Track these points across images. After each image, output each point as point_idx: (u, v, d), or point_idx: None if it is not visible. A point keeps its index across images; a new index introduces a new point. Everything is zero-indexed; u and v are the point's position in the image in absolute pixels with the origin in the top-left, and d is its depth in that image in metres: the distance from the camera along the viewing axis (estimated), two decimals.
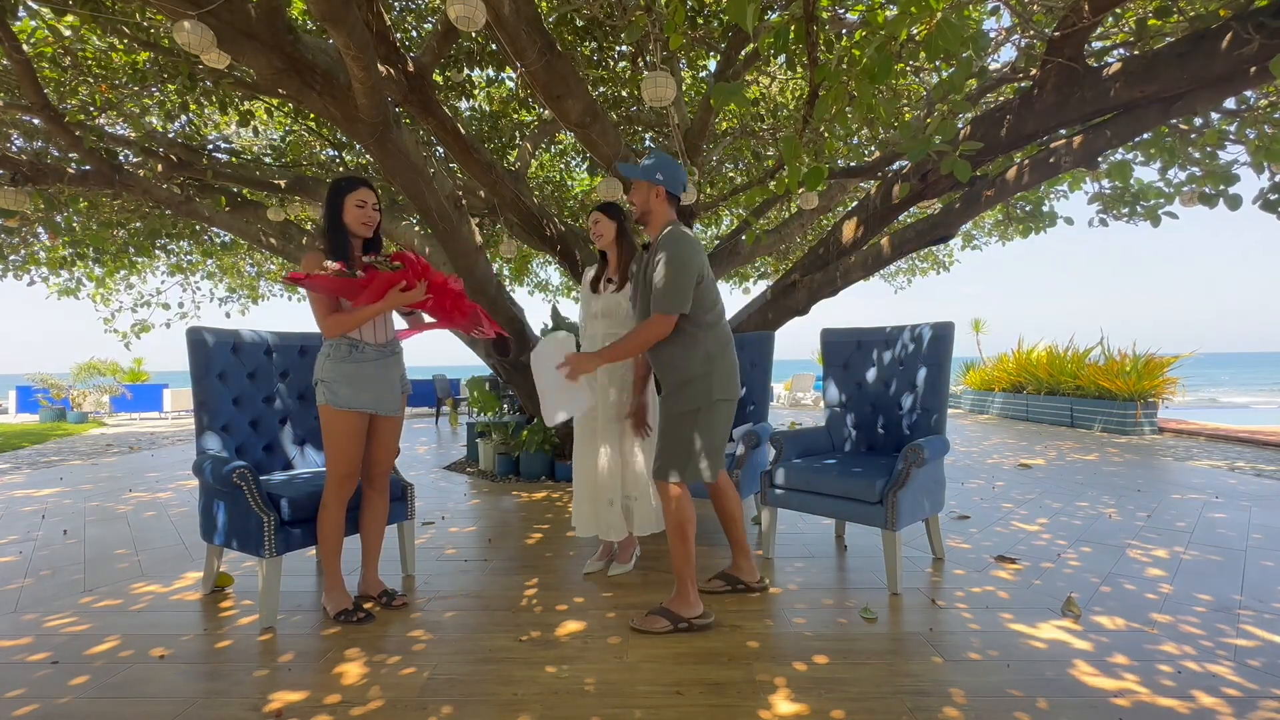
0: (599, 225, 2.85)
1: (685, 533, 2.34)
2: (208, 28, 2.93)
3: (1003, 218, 7.60)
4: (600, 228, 2.85)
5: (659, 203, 2.41)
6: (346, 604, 2.46)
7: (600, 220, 2.85)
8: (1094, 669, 2.02)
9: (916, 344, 3.14)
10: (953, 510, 4.08)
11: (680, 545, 2.35)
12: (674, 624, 2.31)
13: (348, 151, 6.55)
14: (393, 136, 3.83)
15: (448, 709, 1.82)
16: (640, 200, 2.41)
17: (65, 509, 4.42)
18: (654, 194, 2.39)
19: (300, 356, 3.09)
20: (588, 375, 2.50)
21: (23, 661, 2.13)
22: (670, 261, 2.25)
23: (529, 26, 3.23)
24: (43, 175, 4.84)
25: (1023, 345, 11.16)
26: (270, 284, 9.89)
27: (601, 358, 2.36)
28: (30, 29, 4.54)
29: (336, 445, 2.37)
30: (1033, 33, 4.02)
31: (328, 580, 2.50)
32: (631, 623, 2.36)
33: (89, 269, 7.35)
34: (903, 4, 2.42)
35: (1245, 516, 3.88)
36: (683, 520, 2.34)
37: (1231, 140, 4.20)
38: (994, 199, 4.36)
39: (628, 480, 2.91)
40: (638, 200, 2.42)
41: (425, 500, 4.59)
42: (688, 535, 2.34)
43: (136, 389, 13.79)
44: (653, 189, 2.39)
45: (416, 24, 5.35)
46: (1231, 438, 7.52)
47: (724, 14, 3.46)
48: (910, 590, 2.71)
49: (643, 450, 2.91)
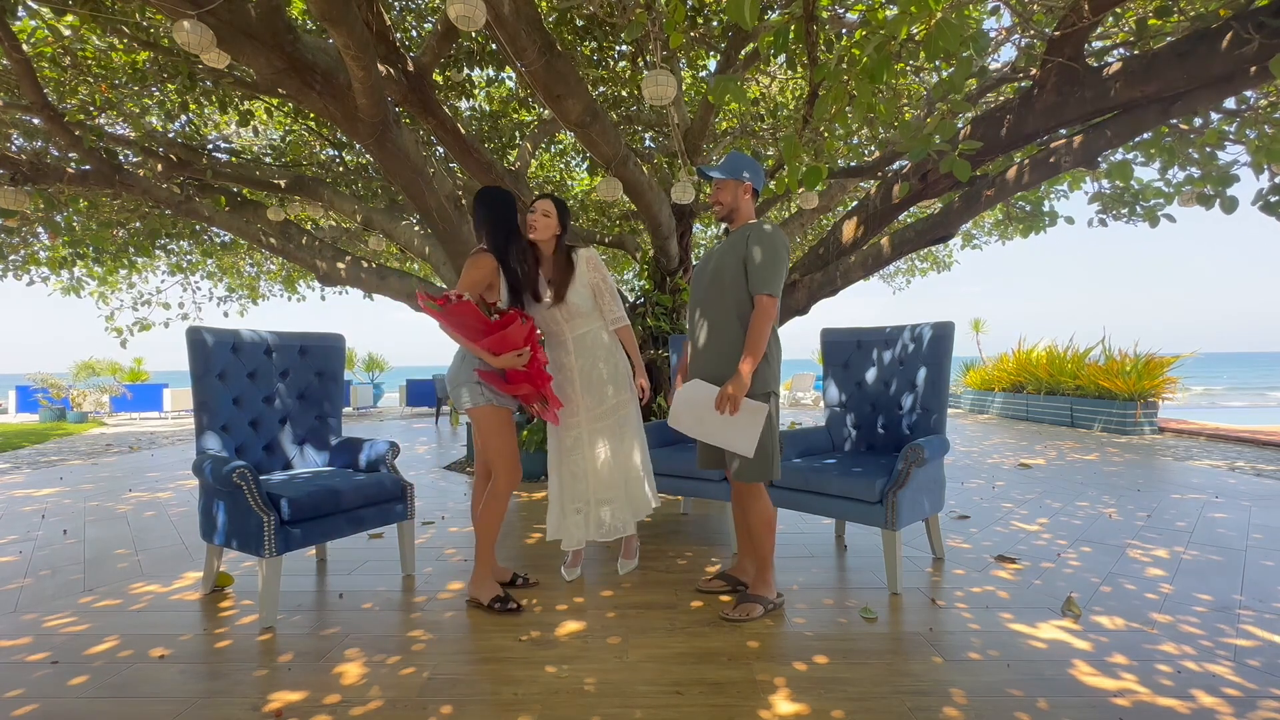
0: (549, 218, 2.64)
1: (774, 526, 2.53)
2: (208, 28, 2.93)
3: (1003, 218, 7.60)
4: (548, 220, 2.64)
5: (746, 200, 2.52)
6: (498, 591, 2.53)
7: (550, 213, 2.64)
8: (1094, 669, 2.02)
9: (916, 344, 3.14)
10: (953, 510, 4.08)
11: (770, 537, 2.52)
12: (765, 607, 2.47)
13: (348, 151, 6.56)
14: (393, 136, 3.83)
15: (448, 709, 1.82)
16: (729, 199, 2.50)
17: (65, 509, 4.42)
18: (742, 191, 2.50)
19: (300, 356, 3.09)
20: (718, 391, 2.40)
21: (22, 661, 2.13)
22: (773, 248, 2.36)
23: (529, 26, 3.23)
24: (43, 175, 4.85)
25: (1023, 345, 11.16)
26: (270, 284, 9.89)
27: (744, 367, 2.30)
28: (30, 29, 4.55)
29: (501, 438, 2.50)
30: (1033, 32, 4.02)
31: (481, 570, 2.55)
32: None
33: (90, 268, 7.35)
34: (903, 4, 2.42)
35: (1245, 516, 3.88)
36: (772, 515, 2.53)
37: (1231, 140, 4.20)
38: (994, 199, 4.36)
39: (599, 485, 2.80)
40: (726, 199, 2.50)
41: (425, 500, 4.59)
42: (774, 527, 2.54)
43: (136, 389, 13.79)
44: (741, 186, 2.49)
45: (416, 24, 5.35)
46: (1231, 438, 7.52)
47: (724, 13, 3.46)
48: (910, 590, 2.71)
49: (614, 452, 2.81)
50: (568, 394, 2.78)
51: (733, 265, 2.42)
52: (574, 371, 2.77)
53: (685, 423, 2.47)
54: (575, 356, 2.76)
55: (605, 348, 2.80)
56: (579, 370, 2.77)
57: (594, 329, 2.79)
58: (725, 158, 2.55)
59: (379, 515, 2.78)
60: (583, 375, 2.77)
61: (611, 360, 2.81)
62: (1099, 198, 5.40)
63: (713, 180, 2.54)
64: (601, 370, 2.78)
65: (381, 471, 2.90)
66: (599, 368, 2.78)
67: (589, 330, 2.78)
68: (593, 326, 2.79)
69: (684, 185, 4.82)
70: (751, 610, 2.43)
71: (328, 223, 8.25)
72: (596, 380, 2.78)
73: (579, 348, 2.76)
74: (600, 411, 2.79)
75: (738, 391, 2.29)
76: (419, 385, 13.69)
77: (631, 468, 2.86)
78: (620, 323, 2.83)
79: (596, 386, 2.78)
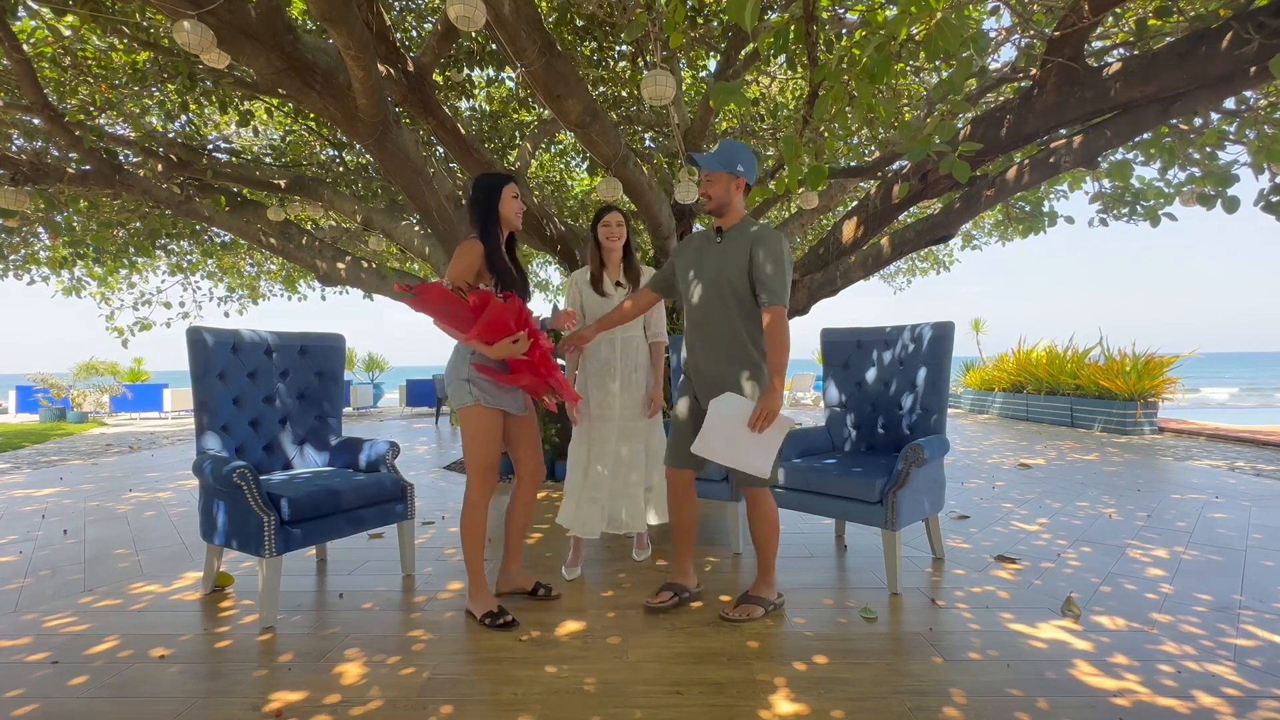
0: (621, 228, 2.90)
1: (779, 528, 2.51)
2: (208, 28, 2.93)
3: (1003, 218, 7.60)
4: (621, 229, 2.91)
5: (738, 195, 2.40)
6: (491, 607, 2.41)
7: (622, 223, 2.92)
8: (1094, 669, 2.02)
9: (916, 344, 3.14)
10: (953, 510, 4.08)
11: (775, 539, 2.50)
12: (766, 609, 2.46)
13: (348, 151, 6.56)
14: (393, 136, 3.83)
15: (448, 709, 1.82)
16: (720, 192, 2.37)
17: (65, 509, 4.42)
18: (734, 185, 2.38)
19: (300, 356, 3.09)
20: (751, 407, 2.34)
21: (22, 661, 2.13)
22: (780, 257, 2.29)
23: (529, 26, 3.22)
24: (43, 175, 4.84)
25: (1023, 345, 11.16)
26: (270, 283, 9.88)
27: (777, 382, 2.25)
28: (30, 29, 4.55)
29: (479, 442, 2.39)
30: (1033, 32, 4.02)
31: (471, 584, 2.45)
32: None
33: (90, 268, 7.35)
34: (903, 4, 2.42)
35: (1245, 516, 3.88)
36: (778, 518, 2.51)
37: (1231, 140, 4.20)
38: (994, 199, 4.36)
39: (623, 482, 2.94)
40: (716, 192, 2.37)
41: (425, 500, 4.59)
42: (779, 529, 2.51)
43: (136, 389, 13.79)
44: (733, 180, 2.37)
45: (416, 24, 5.35)
46: (1231, 438, 7.52)
47: (724, 14, 3.46)
48: (910, 590, 2.71)
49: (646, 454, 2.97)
50: (608, 387, 2.91)
51: (736, 272, 2.33)
52: (617, 369, 2.92)
53: (716, 445, 2.27)
54: (620, 356, 2.92)
55: (646, 356, 3.00)
56: (621, 370, 2.92)
57: (639, 335, 2.98)
58: (720, 145, 2.39)
59: (379, 515, 2.77)
60: (624, 375, 2.93)
61: (650, 372, 3.00)
62: (1099, 198, 5.40)
63: (702, 170, 2.39)
64: (640, 378, 2.95)
65: (381, 471, 2.90)
66: (639, 374, 2.95)
67: (636, 335, 2.97)
68: (638, 333, 2.98)
69: (686, 185, 4.82)
70: (752, 611, 2.43)
71: (328, 223, 8.24)
72: (635, 385, 2.94)
73: (625, 349, 2.93)
74: (635, 412, 2.94)
75: (774, 407, 2.21)
76: (419, 385, 13.69)
77: (657, 472, 3.00)
78: (660, 338, 3.03)
79: (635, 389, 2.94)
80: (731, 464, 2.29)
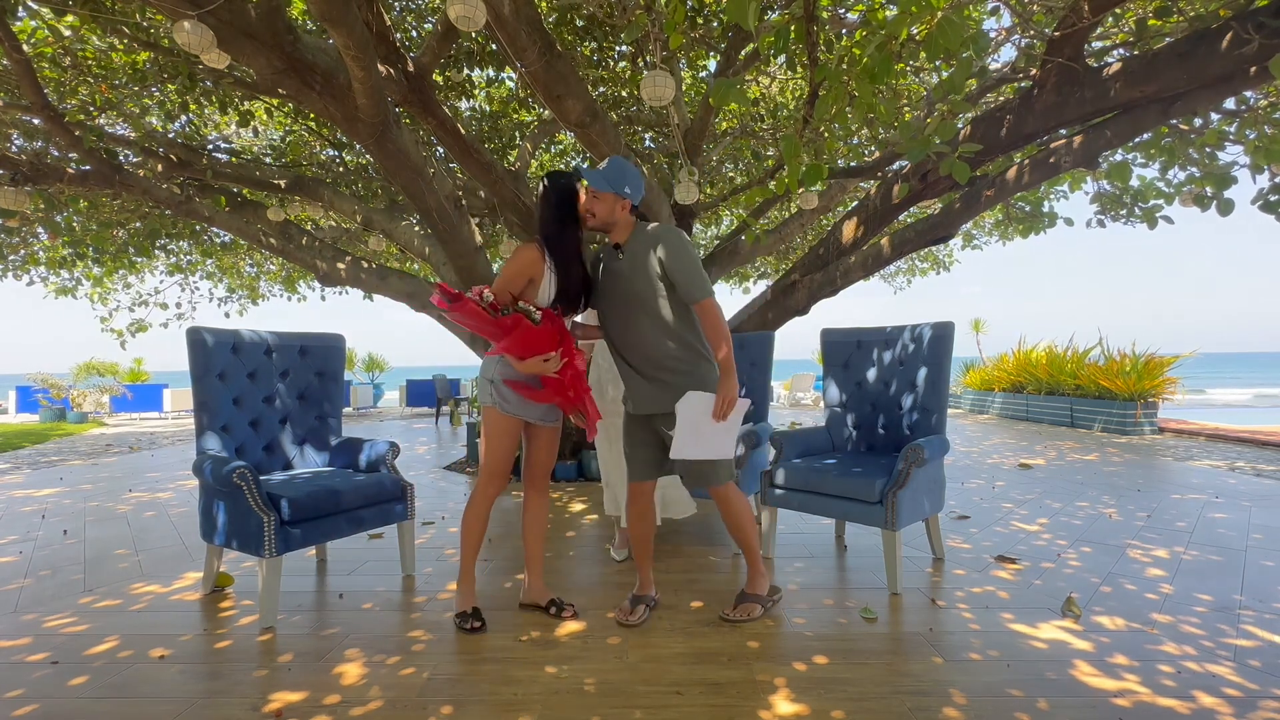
0: None
1: (753, 516, 2.52)
2: (208, 28, 2.93)
3: (1003, 218, 7.60)
4: None
5: (624, 215, 2.34)
6: (466, 607, 2.40)
7: None
8: (1094, 669, 2.02)
9: (916, 344, 3.14)
10: (953, 510, 4.08)
11: (754, 529, 2.49)
12: (764, 606, 2.48)
13: (348, 151, 6.55)
14: (392, 136, 3.83)
15: (448, 709, 1.82)
16: (605, 211, 2.29)
17: (65, 509, 4.42)
18: (619, 205, 2.32)
19: (300, 356, 3.09)
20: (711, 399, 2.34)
21: (22, 661, 2.13)
22: (684, 250, 2.25)
23: (529, 26, 3.22)
24: (43, 175, 4.84)
25: (1023, 345, 11.16)
26: (270, 284, 9.88)
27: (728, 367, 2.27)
28: (30, 29, 4.54)
29: (495, 441, 2.36)
30: (1033, 33, 4.02)
31: (460, 579, 2.45)
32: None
33: (88, 269, 7.35)
34: (903, 4, 2.42)
35: (1245, 516, 3.88)
36: (749, 506, 2.50)
37: (1231, 141, 4.20)
38: (994, 199, 4.36)
39: None
40: (601, 211, 2.29)
41: (425, 500, 4.59)
42: (754, 517, 2.52)
43: (136, 389, 13.79)
44: (619, 201, 2.31)
45: (416, 24, 5.35)
46: (1231, 438, 7.52)
47: (724, 14, 3.46)
48: (910, 590, 2.71)
49: None
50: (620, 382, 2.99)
51: (644, 281, 2.28)
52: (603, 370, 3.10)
53: (688, 444, 2.27)
54: None
55: None
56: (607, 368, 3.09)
57: None
58: (608, 164, 2.30)
59: (379, 515, 2.77)
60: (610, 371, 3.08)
61: None
62: (1099, 198, 5.40)
63: (587, 187, 2.29)
64: None
65: (381, 472, 2.90)
66: None
67: None
68: None
69: (686, 185, 4.82)
70: (751, 610, 2.43)
71: (328, 223, 8.24)
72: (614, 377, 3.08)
73: None
74: None
75: (733, 393, 2.26)
76: (419, 385, 13.69)
77: None
78: None
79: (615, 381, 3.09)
80: (704, 456, 2.30)
